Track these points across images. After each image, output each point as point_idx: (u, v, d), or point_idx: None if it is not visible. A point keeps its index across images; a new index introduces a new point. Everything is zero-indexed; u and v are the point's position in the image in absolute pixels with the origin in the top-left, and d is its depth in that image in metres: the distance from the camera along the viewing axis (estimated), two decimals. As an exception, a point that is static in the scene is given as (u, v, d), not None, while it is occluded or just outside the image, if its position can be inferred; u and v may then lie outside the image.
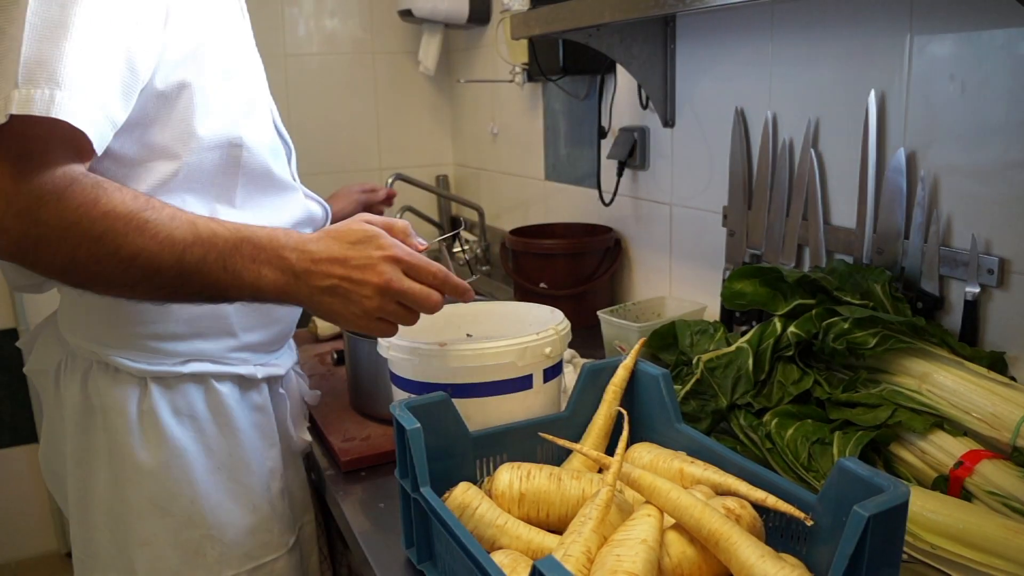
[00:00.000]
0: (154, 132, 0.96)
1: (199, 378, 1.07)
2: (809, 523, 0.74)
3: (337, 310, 0.91)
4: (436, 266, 0.94)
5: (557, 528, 0.86)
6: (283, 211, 1.12)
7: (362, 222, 0.94)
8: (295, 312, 1.17)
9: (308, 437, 1.26)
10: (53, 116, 0.79)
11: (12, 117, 0.78)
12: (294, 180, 1.17)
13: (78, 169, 0.84)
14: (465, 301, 1.01)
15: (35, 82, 0.78)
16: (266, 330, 1.13)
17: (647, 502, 0.78)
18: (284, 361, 1.20)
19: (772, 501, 0.77)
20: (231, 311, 1.07)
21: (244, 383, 1.12)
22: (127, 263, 0.84)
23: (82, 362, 1.06)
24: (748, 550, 0.71)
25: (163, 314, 1.03)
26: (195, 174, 1.00)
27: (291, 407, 1.21)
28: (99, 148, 0.84)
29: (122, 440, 1.04)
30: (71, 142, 0.82)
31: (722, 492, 0.83)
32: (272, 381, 1.17)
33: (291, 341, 1.26)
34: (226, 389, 1.09)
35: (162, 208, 0.87)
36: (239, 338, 1.10)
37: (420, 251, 0.96)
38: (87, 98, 0.81)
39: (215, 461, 1.08)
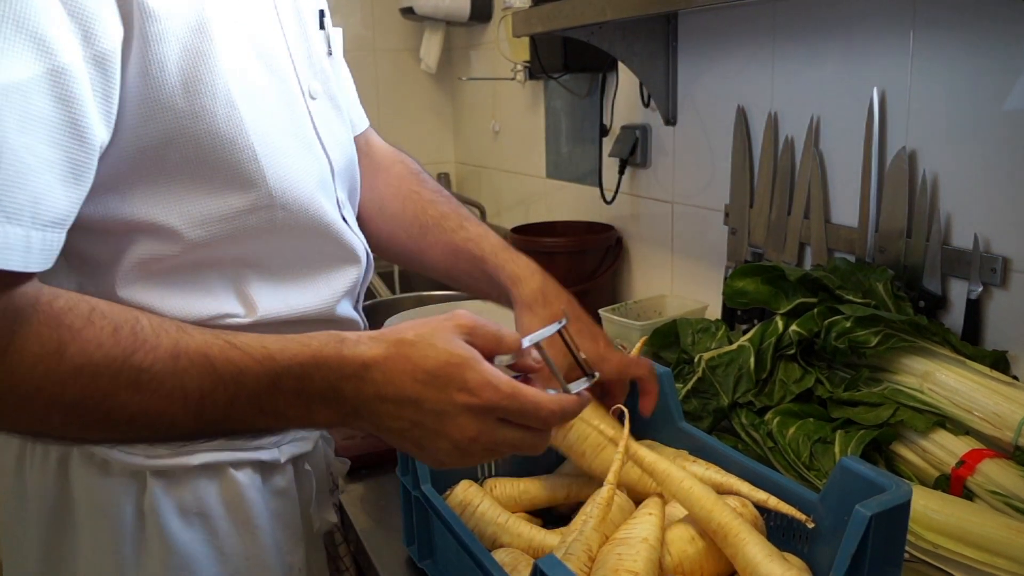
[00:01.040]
0: (135, 201, 0.72)
1: (212, 469, 0.84)
2: (811, 526, 0.74)
3: (409, 451, 0.70)
4: (548, 407, 0.67)
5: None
6: (322, 252, 0.88)
7: (452, 335, 0.67)
8: None
9: (334, 518, 1.02)
10: None
11: None
12: (340, 207, 0.91)
13: (19, 298, 0.60)
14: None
15: None
16: None
17: (650, 499, 0.78)
18: (308, 433, 0.95)
19: (774, 503, 0.77)
20: None
21: (266, 468, 0.89)
22: (124, 426, 0.63)
23: (55, 451, 0.82)
24: (756, 548, 0.71)
25: None
26: (205, 249, 0.76)
27: (317, 485, 0.98)
28: (39, 266, 0.61)
29: (111, 548, 0.82)
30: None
31: (724, 492, 0.83)
32: (297, 460, 0.94)
33: None
34: (245, 478, 0.86)
35: (156, 338, 0.63)
36: None
37: (533, 371, 0.72)
38: (3, 211, 0.57)
39: (229, 568, 0.87)
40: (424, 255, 1.06)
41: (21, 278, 0.60)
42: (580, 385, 0.72)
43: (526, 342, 0.70)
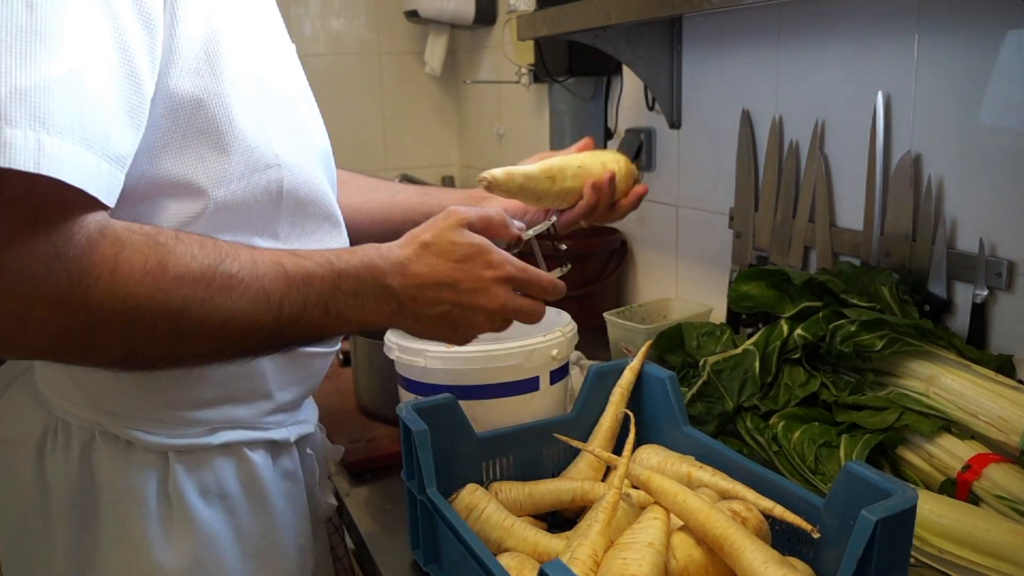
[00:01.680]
0: (165, 161, 0.76)
1: (230, 449, 0.90)
2: (816, 535, 0.74)
3: (442, 334, 0.83)
4: (547, 279, 0.86)
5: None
6: (318, 221, 0.93)
7: (461, 228, 0.81)
8: (329, 362, 1.02)
9: (334, 501, 1.10)
10: (44, 173, 0.59)
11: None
12: (330, 182, 0.99)
13: (112, 223, 0.66)
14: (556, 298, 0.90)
15: (13, 120, 0.58)
16: (302, 386, 0.97)
17: (654, 504, 0.78)
18: (311, 416, 1.04)
19: (779, 511, 0.77)
20: (268, 369, 0.90)
21: (276, 449, 0.95)
22: (215, 332, 0.69)
23: (80, 432, 0.85)
24: (753, 554, 0.71)
25: (189, 377, 0.85)
26: (225, 211, 0.80)
27: (318, 469, 1.06)
28: (110, 201, 0.66)
29: (138, 532, 0.85)
30: (82, 196, 0.63)
31: (730, 498, 0.83)
32: (301, 442, 1.01)
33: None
34: (260, 459, 0.92)
35: (238, 252, 0.71)
36: (275, 399, 0.93)
37: (520, 240, 0.89)
38: (84, 138, 0.62)
39: (248, 547, 0.91)
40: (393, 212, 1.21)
41: (99, 206, 0.65)
42: (557, 273, 0.91)
43: (528, 234, 0.92)
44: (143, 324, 0.66)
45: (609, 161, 1.15)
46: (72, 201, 0.62)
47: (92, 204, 0.64)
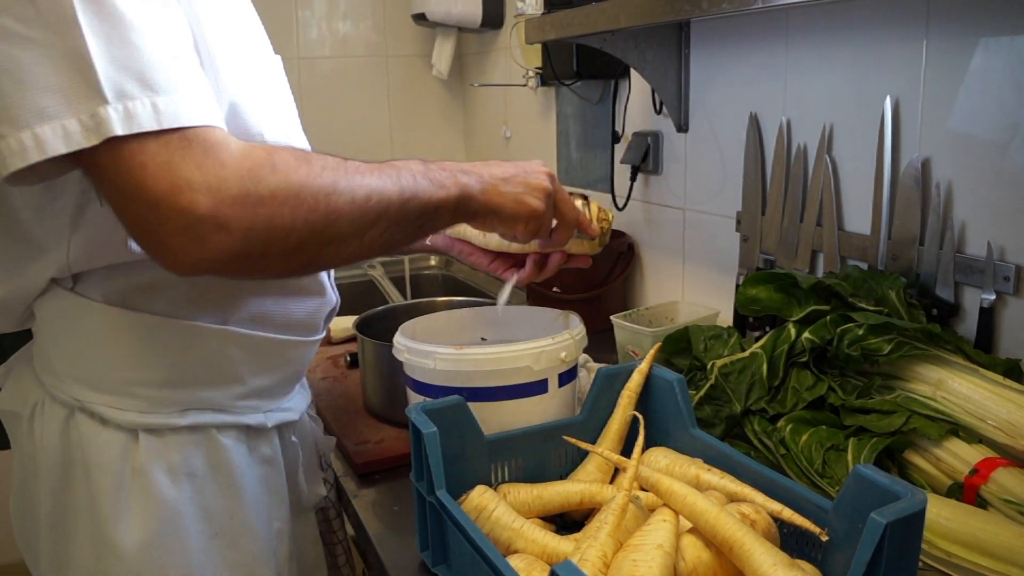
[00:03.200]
0: None
1: (199, 430, 0.93)
2: (824, 539, 0.74)
3: (508, 194, 0.93)
4: (572, 203, 1.02)
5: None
6: None
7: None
8: (310, 350, 1.06)
9: (323, 491, 1.14)
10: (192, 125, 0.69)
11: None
12: None
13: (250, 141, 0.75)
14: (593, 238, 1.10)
15: (158, 88, 0.68)
16: (277, 373, 1.00)
17: (663, 506, 0.78)
18: (297, 404, 1.08)
19: (788, 514, 0.77)
20: (236, 353, 0.95)
21: (252, 434, 0.99)
22: (362, 206, 0.77)
23: (61, 408, 0.91)
24: (762, 557, 0.71)
25: (157, 357, 0.90)
26: None
27: (304, 457, 1.10)
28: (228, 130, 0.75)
29: (105, 505, 0.89)
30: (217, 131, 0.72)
31: (738, 501, 0.83)
32: (283, 428, 1.04)
33: (304, 380, 1.14)
34: (230, 442, 0.95)
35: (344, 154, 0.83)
36: (247, 384, 0.96)
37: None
38: (198, 93, 0.72)
39: (213, 526, 0.94)
40: None
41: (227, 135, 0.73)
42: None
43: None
44: (307, 207, 0.72)
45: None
46: (211, 134, 0.71)
47: (224, 134, 0.72)
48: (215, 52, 0.83)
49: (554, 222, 1.01)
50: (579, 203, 1.07)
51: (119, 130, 0.65)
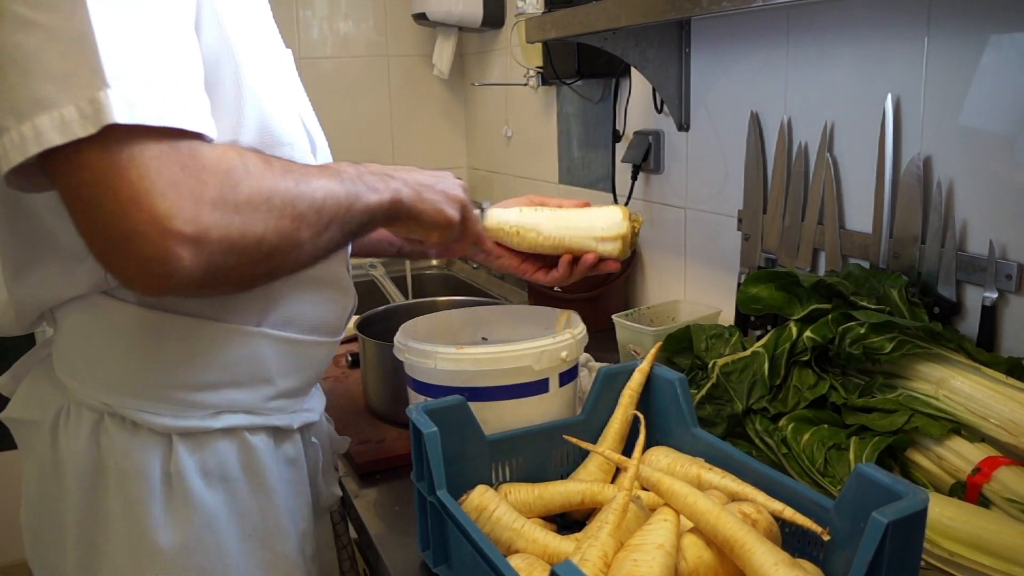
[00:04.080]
0: None
1: (232, 432, 0.94)
2: (826, 538, 0.74)
3: (426, 196, 0.93)
4: (474, 221, 1.02)
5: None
6: None
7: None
8: (331, 351, 1.05)
9: (339, 491, 1.15)
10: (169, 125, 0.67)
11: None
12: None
13: (220, 143, 0.74)
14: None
15: (150, 83, 0.67)
16: (303, 374, 1.01)
17: (664, 505, 0.78)
18: (316, 405, 1.09)
19: (789, 514, 0.77)
20: (269, 355, 0.95)
21: (279, 435, 0.99)
22: (320, 209, 0.77)
23: (89, 414, 0.90)
24: (763, 556, 0.71)
25: (191, 360, 0.89)
26: None
27: (323, 457, 1.11)
28: (212, 134, 0.73)
29: (142, 510, 0.89)
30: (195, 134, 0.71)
31: (739, 500, 0.83)
32: (305, 429, 1.05)
33: (318, 383, 1.13)
34: (260, 443, 0.96)
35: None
36: (276, 385, 0.96)
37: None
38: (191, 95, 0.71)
39: (247, 528, 0.95)
40: None
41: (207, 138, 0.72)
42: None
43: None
44: (278, 211, 0.73)
45: (609, 228, 1.11)
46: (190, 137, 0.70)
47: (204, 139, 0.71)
48: (235, 47, 0.82)
49: None
50: (477, 212, 1.08)
51: (119, 118, 0.63)
